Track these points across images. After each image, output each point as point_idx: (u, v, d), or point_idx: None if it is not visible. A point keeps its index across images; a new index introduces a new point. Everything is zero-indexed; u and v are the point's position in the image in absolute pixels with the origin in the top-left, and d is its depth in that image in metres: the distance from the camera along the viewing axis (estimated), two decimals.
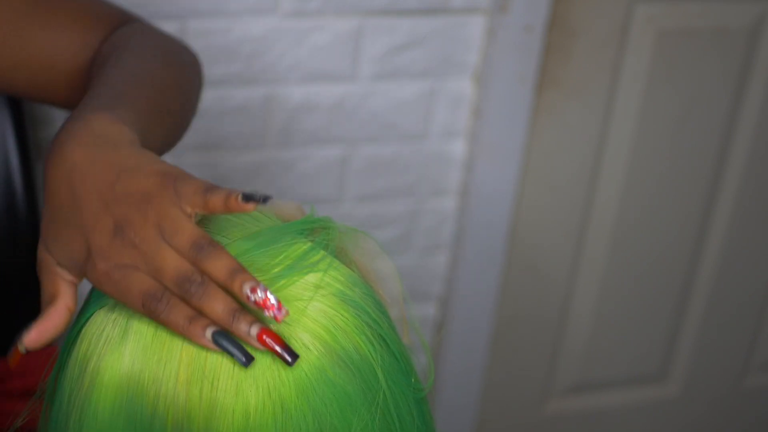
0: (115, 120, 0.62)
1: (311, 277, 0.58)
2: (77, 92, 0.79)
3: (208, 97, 1.27)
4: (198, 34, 1.23)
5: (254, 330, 0.54)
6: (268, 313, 0.54)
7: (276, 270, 0.58)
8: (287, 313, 0.55)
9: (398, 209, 1.45)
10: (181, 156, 1.30)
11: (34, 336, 0.59)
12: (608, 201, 1.59)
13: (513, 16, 1.34)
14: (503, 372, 1.68)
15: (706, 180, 1.62)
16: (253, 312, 0.56)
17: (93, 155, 0.59)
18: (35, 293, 0.65)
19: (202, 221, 0.62)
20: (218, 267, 0.55)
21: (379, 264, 0.65)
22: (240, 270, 0.55)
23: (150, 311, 0.55)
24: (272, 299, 0.54)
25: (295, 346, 0.56)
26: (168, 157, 1.29)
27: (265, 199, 0.57)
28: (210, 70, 1.26)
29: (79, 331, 0.59)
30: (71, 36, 0.80)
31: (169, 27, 1.21)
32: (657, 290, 1.70)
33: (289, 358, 0.55)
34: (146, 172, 0.58)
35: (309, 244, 0.60)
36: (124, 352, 0.56)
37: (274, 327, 0.56)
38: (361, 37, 1.30)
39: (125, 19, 0.84)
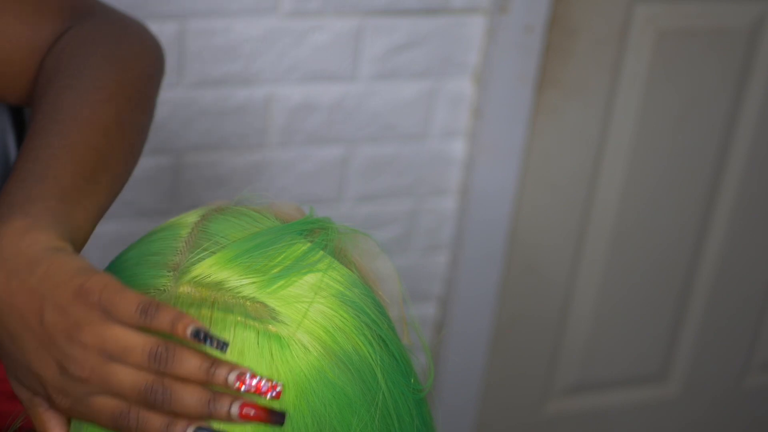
0: (27, 228, 0.58)
1: (310, 278, 0.58)
2: (25, 89, 0.75)
3: (208, 97, 1.27)
4: (198, 34, 1.23)
5: (234, 410, 0.53)
6: (267, 396, 0.53)
7: (275, 271, 0.58)
8: (281, 387, 0.54)
9: (398, 209, 1.45)
10: (182, 156, 1.30)
11: None
12: (608, 201, 1.59)
13: (513, 16, 1.34)
14: (503, 372, 1.68)
15: (706, 180, 1.62)
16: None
17: (11, 284, 0.56)
18: None
19: (201, 221, 0.62)
20: (189, 370, 0.53)
21: (378, 264, 0.65)
22: (214, 364, 0.53)
23: (126, 429, 0.54)
24: (263, 382, 0.53)
25: (295, 348, 0.56)
26: (168, 158, 1.30)
27: (221, 346, 0.52)
28: (210, 70, 1.26)
29: None
30: (21, 27, 0.75)
31: (169, 27, 1.22)
32: (657, 290, 1.70)
33: (278, 420, 0.53)
34: (67, 297, 0.54)
35: (308, 244, 0.60)
36: None
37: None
38: (361, 37, 1.30)
39: (77, 6, 0.78)
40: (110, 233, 1.30)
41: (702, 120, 1.57)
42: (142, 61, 0.76)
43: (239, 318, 0.56)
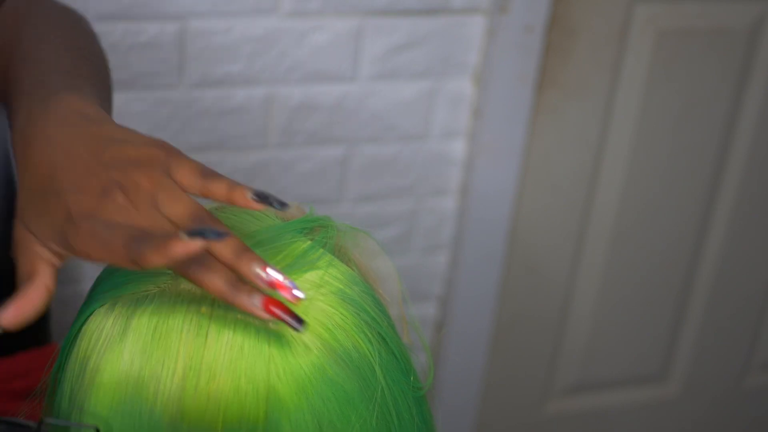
0: (89, 101, 0.59)
1: (311, 276, 0.58)
2: None
3: (208, 97, 1.28)
4: (198, 34, 1.23)
5: (257, 300, 0.53)
6: (283, 294, 0.53)
7: None
8: (302, 294, 0.53)
9: (398, 209, 1.45)
10: None
11: (12, 313, 0.56)
12: (608, 201, 1.59)
13: (513, 16, 1.34)
14: (503, 372, 1.68)
15: (706, 180, 1.62)
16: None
17: (76, 131, 0.56)
18: None
19: None
20: (221, 245, 0.53)
21: (378, 263, 0.65)
22: (245, 249, 0.53)
23: (138, 254, 0.51)
24: (283, 278, 0.53)
25: (295, 345, 0.56)
26: None
27: (282, 205, 0.53)
28: (210, 70, 1.26)
29: (80, 329, 0.59)
30: None
31: (169, 27, 1.22)
32: (657, 290, 1.70)
33: (298, 325, 0.53)
34: (136, 143, 0.55)
35: (308, 242, 0.60)
36: (124, 351, 0.56)
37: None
38: (361, 37, 1.30)
39: None
40: None
41: (702, 120, 1.57)
42: (86, 22, 0.78)
43: (239, 315, 0.56)
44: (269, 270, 0.53)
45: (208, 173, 0.55)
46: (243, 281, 0.53)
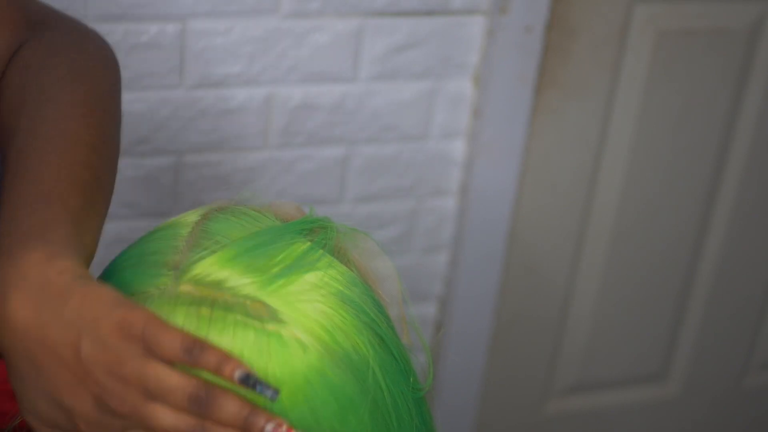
0: (52, 256, 0.55)
1: (310, 277, 0.58)
2: None
3: (208, 96, 1.28)
4: (198, 35, 1.23)
5: None
6: None
7: (275, 270, 0.58)
8: None
9: (398, 209, 1.45)
10: (182, 156, 1.30)
11: None
12: (608, 201, 1.59)
13: (513, 16, 1.34)
14: (503, 372, 1.68)
15: (706, 180, 1.62)
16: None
17: (42, 315, 0.53)
18: None
19: (201, 220, 0.62)
20: (227, 417, 0.52)
21: (378, 264, 0.65)
22: (252, 412, 0.52)
23: None
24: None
25: (294, 347, 0.56)
26: (169, 158, 1.30)
27: (272, 394, 0.52)
28: (210, 70, 1.26)
29: None
30: None
31: (169, 27, 1.22)
32: (657, 290, 1.70)
33: None
34: (108, 329, 0.52)
35: (308, 243, 0.60)
36: None
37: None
38: (361, 37, 1.31)
39: (31, 17, 0.76)
40: (110, 233, 1.30)
41: (702, 120, 1.57)
42: (107, 72, 0.74)
43: (239, 317, 0.56)
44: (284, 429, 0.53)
45: (191, 347, 0.52)
46: None
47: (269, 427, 0.52)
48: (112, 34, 1.19)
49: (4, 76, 0.71)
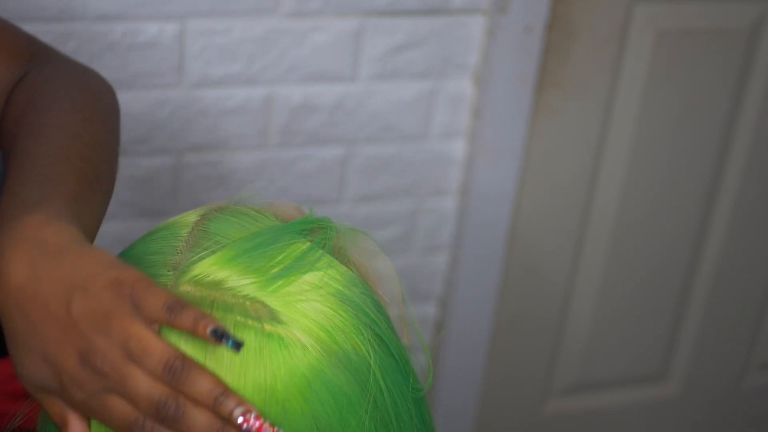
0: (49, 219, 0.58)
1: (310, 277, 0.58)
2: None
3: (208, 96, 1.28)
4: (198, 34, 1.23)
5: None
6: None
7: (275, 270, 0.58)
8: None
9: (398, 209, 1.45)
10: (182, 156, 1.30)
11: None
12: (608, 201, 1.59)
13: (513, 16, 1.34)
14: (503, 372, 1.68)
15: (706, 180, 1.62)
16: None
17: (37, 271, 0.55)
18: None
19: (201, 220, 0.62)
20: (199, 392, 0.53)
21: (378, 264, 0.65)
22: (224, 393, 0.53)
23: None
24: (265, 425, 0.53)
25: (294, 347, 0.56)
26: (168, 158, 1.30)
27: (237, 346, 0.53)
28: (210, 70, 1.26)
29: None
30: None
31: (169, 27, 1.22)
32: (657, 290, 1.70)
33: None
34: (100, 286, 0.54)
35: (308, 244, 0.60)
36: None
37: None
38: (361, 37, 1.31)
39: (34, 51, 0.79)
40: (110, 233, 1.30)
41: (702, 120, 1.57)
42: (106, 95, 0.77)
43: (239, 317, 0.56)
44: (252, 418, 0.53)
45: (173, 306, 0.53)
46: (226, 427, 0.54)
47: (238, 411, 0.53)
48: (111, 33, 1.19)
49: (9, 99, 0.75)
